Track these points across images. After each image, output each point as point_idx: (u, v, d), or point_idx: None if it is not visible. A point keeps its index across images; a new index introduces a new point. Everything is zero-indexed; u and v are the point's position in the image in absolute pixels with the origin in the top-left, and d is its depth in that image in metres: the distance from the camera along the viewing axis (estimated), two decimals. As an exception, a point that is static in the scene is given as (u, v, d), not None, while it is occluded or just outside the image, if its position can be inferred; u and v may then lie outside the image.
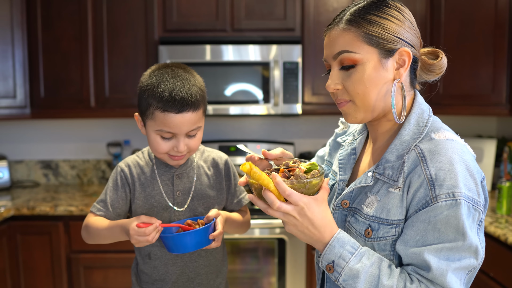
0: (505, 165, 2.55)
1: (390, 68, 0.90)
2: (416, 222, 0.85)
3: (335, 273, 0.87)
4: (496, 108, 2.43)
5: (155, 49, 2.60)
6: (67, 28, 2.60)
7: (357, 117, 0.93)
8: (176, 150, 1.19)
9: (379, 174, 0.92)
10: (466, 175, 0.84)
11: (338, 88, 0.93)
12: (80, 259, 2.39)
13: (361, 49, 0.89)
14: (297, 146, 3.01)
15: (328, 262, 0.87)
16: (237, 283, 2.43)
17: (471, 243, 0.82)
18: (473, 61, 2.46)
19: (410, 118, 0.93)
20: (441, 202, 0.82)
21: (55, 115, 2.69)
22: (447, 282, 0.82)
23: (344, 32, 0.90)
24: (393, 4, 0.92)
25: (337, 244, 0.87)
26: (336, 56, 0.91)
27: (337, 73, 0.93)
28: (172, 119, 1.14)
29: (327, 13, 2.60)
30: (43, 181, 3.03)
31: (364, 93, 0.90)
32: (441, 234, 0.82)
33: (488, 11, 2.40)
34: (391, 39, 0.89)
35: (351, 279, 0.85)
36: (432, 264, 0.82)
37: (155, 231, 1.12)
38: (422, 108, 0.95)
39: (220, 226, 1.16)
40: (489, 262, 1.93)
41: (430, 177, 0.83)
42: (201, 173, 1.32)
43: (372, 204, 0.91)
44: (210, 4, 2.60)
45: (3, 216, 2.27)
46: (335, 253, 0.86)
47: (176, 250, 1.14)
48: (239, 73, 2.57)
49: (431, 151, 0.86)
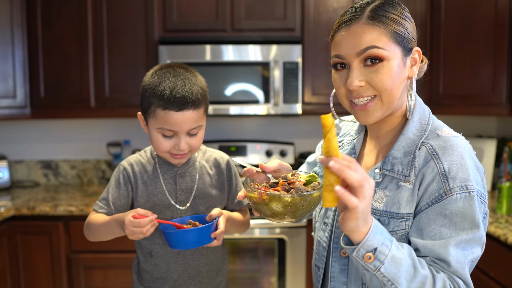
0: (505, 165, 2.55)
1: (407, 67, 0.93)
2: (432, 215, 0.86)
3: (375, 262, 0.80)
4: (496, 108, 2.43)
5: (155, 49, 2.60)
6: (67, 28, 2.60)
7: (378, 115, 0.93)
8: (178, 149, 1.20)
9: (387, 171, 0.93)
10: (474, 169, 0.87)
11: (362, 85, 0.90)
12: (80, 259, 2.39)
13: (389, 46, 0.89)
14: (297, 146, 3.01)
15: (369, 250, 0.80)
16: (237, 283, 2.43)
17: (482, 234, 0.85)
18: (473, 61, 2.46)
19: (413, 116, 0.96)
20: (456, 195, 0.84)
21: (55, 115, 2.69)
22: (465, 274, 0.84)
23: (371, 28, 0.89)
24: (404, 6, 0.95)
25: (377, 230, 0.81)
26: (361, 52, 0.89)
27: (360, 69, 0.90)
28: (172, 117, 1.16)
29: (327, 13, 2.60)
30: (43, 181, 3.03)
31: (392, 89, 0.90)
32: (457, 227, 0.84)
33: (488, 11, 2.40)
34: (410, 39, 0.92)
35: (395, 268, 0.80)
36: (452, 258, 0.83)
37: (150, 224, 1.12)
38: (422, 107, 0.98)
39: (222, 225, 1.17)
40: (489, 262, 1.93)
41: (443, 170, 0.86)
42: (203, 173, 1.33)
43: (381, 199, 0.92)
44: (210, 4, 2.60)
45: (3, 216, 2.27)
46: (378, 240, 0.80)
47: (178, 246, 1.15)
48: (239, 73, 2.56)
49: (442, 147, 0.89)
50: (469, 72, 2.47)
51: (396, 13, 0.91)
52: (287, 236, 2.39)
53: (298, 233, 2.39)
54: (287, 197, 0.87)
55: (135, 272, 1.37)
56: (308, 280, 2.43)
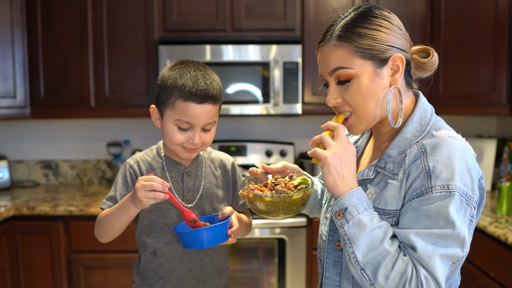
0: (505, 165, 2.55)
1: (385, 76, 0.94)
2: (410, 209, 0.89)
3: (342, 220, 0.89)
4: (496, 108, 2.43)
5: (155, 49, 2.60)
6: (67, 28, 2.60)
7: (361, 128, 0.98)
8: (191, 142, 1.21)
9: (380, 168, 0.97)
10: (463, 170, 0.87)
11: (338, 101, 0.96)
12: (80, 259, 2.39)
13: (355, 64, 0.92)
14: (297, 146, 3.01)
15: (341, 208, 0.90)
16: (237, 283, 2.43)
17: (459, 233, 0.85)
18: (473, 61, 2.46)
19: (413, 117, 0.97)
20: (435, 193, 0.86)
21: (55, 115, 2.69)
22: (432, 265, 0.85)
23: (336, 49, 0.93)
24: (380, 13, 0.94)
25: (355, 195, 0.90)
26: (331, 72, 0.95)
27: (334, 88, 0.96)
28: (193, 109, 1.18)
29: (327, 13, 2.60)
30: (43, 181, 3.03)
31: (363, 104, 0.94)
32: (432, 222, 0.86)
33: (488, 11, 2.40)
34: (383, 49, 0.92)
35: (356, 229, 0.87)
36: (419, 246, 0.85)
37: (162, 187, 1.09)
38: (425, 108, 0.99)
39: (236, 222, 1.18)
40: (489, 262, 1.93)
41: (428, 169, 0.88)
42: (209, 173, 1.35)
43: (371, 195, 0.96)
44: (210, 4, 2.60)
45: (3, 216, 2.27)
46: (351, 202, 0.89)
47: (193, 246, 1.13)
48: (239, 73, 2.56)
49: (432, 146, 0.90)
50: (469, 72, 2.47)
51: (366, 25, 0.92)
52: (287, 236, 2.38)
53: (298, 233, 2.39)
54: (268, 197, 0.96)
55: (136, 273, 1.35)
56: (308, 280, 2.43)
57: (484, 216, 2.08)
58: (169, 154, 1.33)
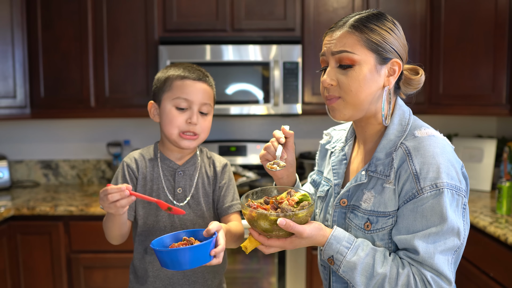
0: (505, 165, 2.55)
1: (382, 75, 1.01)
2: (406, 212, 0.96)
3: (335, 266, 0.99)
4: (496, 108, 2.43)
5: (155, 49, 2.60)
6: (67, 28, 2.60)
7: (345, 113, 1.02)
8: (190, 122, 1.25)
9: (372, 172, 1.03)
10: (448, 165, 0.95)
11: (333, 83, 1.01)
12: (80, 259, 2.39)
13: (360, 52, 0.98)
14: (297, 146, 3.01)
15: (328, 256, 0.99)
16: (237, 283, 2.43)
17: (453, 226, 0.93)
18: (473, 61, 2.46)
19: (393, 119, 1.04)
20: (426, 193, 0.94)
21: (55, 115, 2.69)
22: (435, 263, 0.93)
23: (347, 34, 0.99)
24: (392, 20, 1.03)
25: (334, 241, 0.99)
26: (335, 53, 1.00)
27: (334, 69, 1.01)
28: (190, 84, 1.27)
29: (327, 13, 2.60)
30: (43, 181, 3.03)
31: (357, 91, 0.99)
32: (428, 221, 0.94)
33: (488, 11, 2.40)
34: (387, 49, 1.00)
35: (350, 271, 0.97)
36: (421, 249, 0.93)
37: (118, 193, 1.05)
38: (403, 110, 1.07)
39: (222, 241, 1.04)
40: (489, 262, 1.93)
41: (415, 171, 0.95)
42: (202, 173, 1.36)
43: (369, 200, 1.02)
44: (210, 4, 2.60)
45: (3, 216, 2.27)
46: (333, 249, 0.98)
47: (171, 267, 0.99)
48: (239, 73, 2.57)
49: (415, 148, 0.97)
50: (469, 72, 2.47)
51: (378, 24, 1.00)
52: (287, 236, 2.38)
53: (298, 233, 2.39)
54: (273, 216, 0.95)
55: (131, 271, 1.37)
56: (308, 280, 2.43)
57: (484, 216, 2.08)
58: (165, 152, 1.35)
